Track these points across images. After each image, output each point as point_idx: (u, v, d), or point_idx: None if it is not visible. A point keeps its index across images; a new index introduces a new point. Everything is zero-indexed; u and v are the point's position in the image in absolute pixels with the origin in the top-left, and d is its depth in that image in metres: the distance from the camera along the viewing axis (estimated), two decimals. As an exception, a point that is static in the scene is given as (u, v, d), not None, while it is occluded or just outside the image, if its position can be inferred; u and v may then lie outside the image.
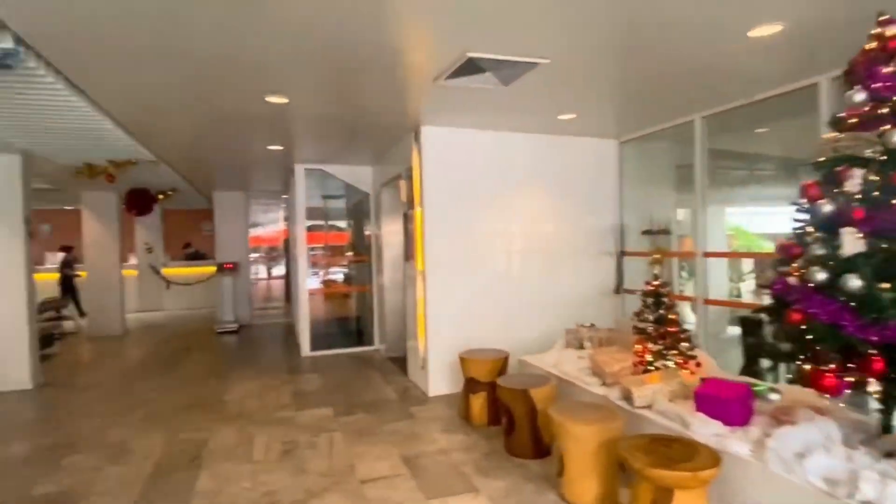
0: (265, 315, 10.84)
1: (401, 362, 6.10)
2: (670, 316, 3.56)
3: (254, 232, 11.48)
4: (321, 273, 8.46)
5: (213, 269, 12.64)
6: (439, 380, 4.90)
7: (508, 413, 3.52)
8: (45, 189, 10.65)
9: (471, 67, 3.20)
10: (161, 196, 8.44)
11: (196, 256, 13.60)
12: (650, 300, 3.62)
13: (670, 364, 3.51)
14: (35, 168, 6.33)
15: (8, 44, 2.59)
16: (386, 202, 6.64)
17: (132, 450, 3.75)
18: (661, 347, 3.55)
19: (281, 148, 5.80)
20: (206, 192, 9.75)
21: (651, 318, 3.58)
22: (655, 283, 3.61)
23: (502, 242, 5.25)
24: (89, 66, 3.13)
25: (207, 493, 3.08)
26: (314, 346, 6.90)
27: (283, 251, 13.17)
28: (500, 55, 3.08)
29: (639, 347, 3.61)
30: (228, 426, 4.20)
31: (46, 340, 7.29)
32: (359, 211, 7.79)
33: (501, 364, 4.14)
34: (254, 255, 11.70)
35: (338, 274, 8.96)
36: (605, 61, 3.35)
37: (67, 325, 9.36)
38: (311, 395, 5.05)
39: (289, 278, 11.48)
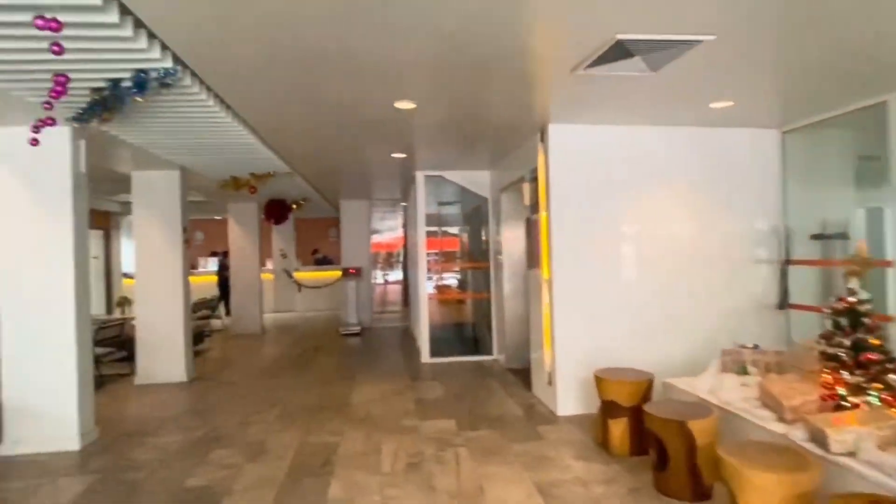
0: (383, 318, 11.16)
1: (522, 375, 5.80)
2: (873, 341, 2.86)
3: (374, 239, 11.89)
4: (435, 279, 8.48)
5: (339, 273, 13.44)
6: (568, 398, 4.52)
7: (659, 445, 3.07)
8: (198, 201, 12.05)
9: (618, 52, 2.84)
10: (294, 206, 9.05)
11: (324, 262, 14.50)
12: (844, 320, 2.94)
13: (873, 401, 2.82)
14: (189, 182, 7.07)
15: (168, 63, 2.76)
16: (506, 207, 6.40)
17: (269, 449, 3.89)
18: (859, 379, 2.86)
19: (404, 155, 5.83)
20: (334, 201, 10.29)
21: (846, 342, 2.91)
22: (852, 299, 2.93)
23: (638, 248, 4.74)
24: (235, 83, 3.29)
25: (339, 502, 3.05)
26: (433, 353, 6.86)
27: (398, 257, 13.57)
28: (657, 35, 2.68)
29: (828, 378, 2.96)
30: (356, 431, 4.22)
31: (198, 337, 8.10)
32: (475, 217, 7.65)
33: (646, 387, 3.67)
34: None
35: (451, 280, 8.92)
36: (782, 33, 2.79)
37: (215, 323, 10.41)
38: (434, 404, 4.94)
39: (406, 283, 11.73)
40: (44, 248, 4.05)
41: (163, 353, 6.11)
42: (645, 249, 4.74)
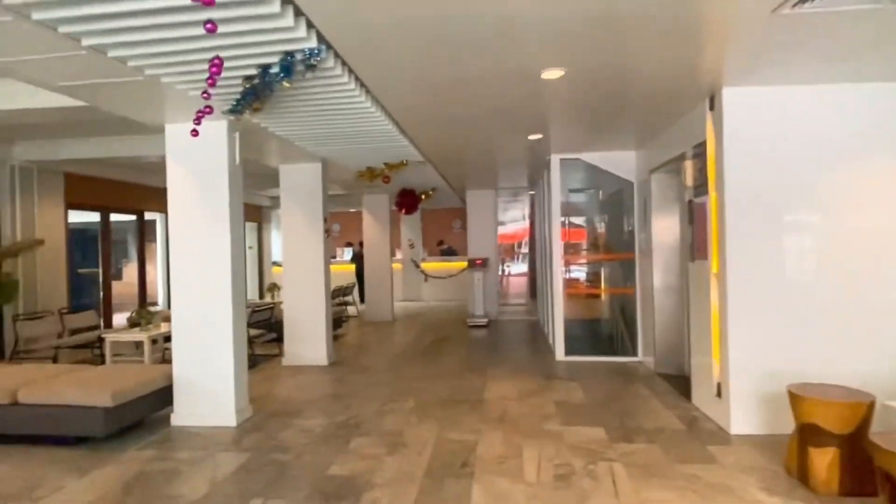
0: (508, 311, 10.84)
1: (677, 382, 5.10)
2: None
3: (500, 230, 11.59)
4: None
5: (463, 264, 13.44)
6: (745, 414, 3.79)
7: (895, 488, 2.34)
8: (336, 194, 12.76)
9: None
10: (423, 196, 9.08)
11: (448, 252, 14.61)
12: None
13: None
14: (328, 175, 7.35)
15: (313, 43, 2.68)
16: (656, 190, 5.67)
17: (406, 442, 3.78)
18: None
19: (540, 136, 5.41)
20: (460, 191, 10.19)
21: None
22: None
23: (836, 238, 3.80)
24: (376, 61, 3.15)
25: (482, 512, 2.79)
26: (568, 350, 6.37)
27: (521, 249, 13.15)
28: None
29: None
30: (494, 431, 3.95)
31: (336, 323, 8.49)
32: (614, 203, 6.95)
33: (864, 411, 2.88)
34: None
35: (580, 273, 8.28)
36: None
37: (350, 310, 10.92)
38: (577, 408, 4.50)
39: (533, 275, 11.29)
40: (206, 237, 4.34)
41: (306, 338, 6.43)
42: (846, 239, 3.79)
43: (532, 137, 5.42)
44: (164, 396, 4.30)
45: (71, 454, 3.69)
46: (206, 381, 4.29)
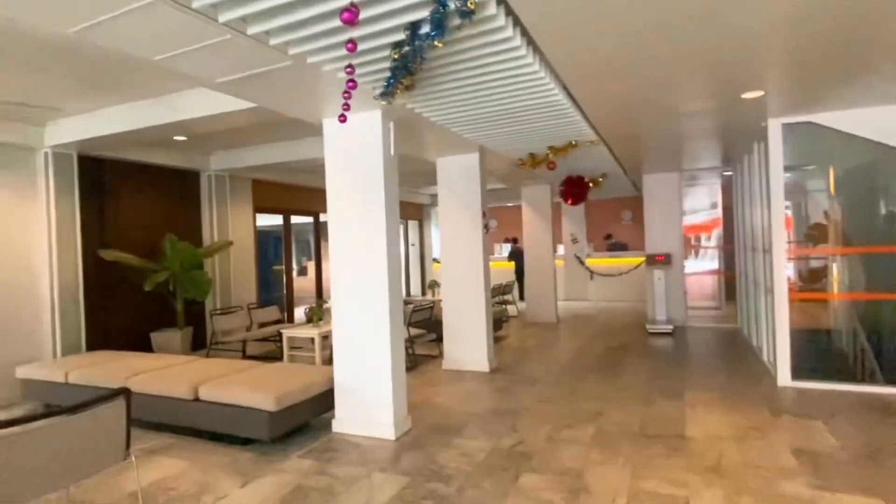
0: (697, 316, 9.18)
1: None
2: None
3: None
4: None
5: (635, 260, 11.96)
6: None
7: None
8: (493, 189, 12.30)
9: None
10: (592, 183, 8.05)
11: (617, 247, 13.19)
12: None
13: None
14: (486, 166, 6.82)
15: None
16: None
17: (590, 489, 3.00)
18: None
19: (760, 94, 4.11)
20: (635, 176, 8.89)
21: None
22: None
23: None
24: (558, 24, 2.42)
25: None
26: (796, 373, 4.89)
27: (709, 242, 11.15)
28: None
29: None
30: (710, 487, 2.95)
31: (497, 324, 7.96)
32: (859, 179, 5.17)
33: None
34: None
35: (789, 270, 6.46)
36: None
37: (510, 309, 10.34)
38: (829, 461, 3.23)
39: (729, 274, 9.43)
40: (362, 233, 4.07)
41: (467, 340, 5.99)
42: None
43: (748, 96, 4.14)
44: (326, 400, 4.14)
45: (240, 456, 3.67)
46: (366, 388, 4.03)
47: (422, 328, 6.69)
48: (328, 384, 4.15)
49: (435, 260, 14.14)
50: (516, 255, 11.68)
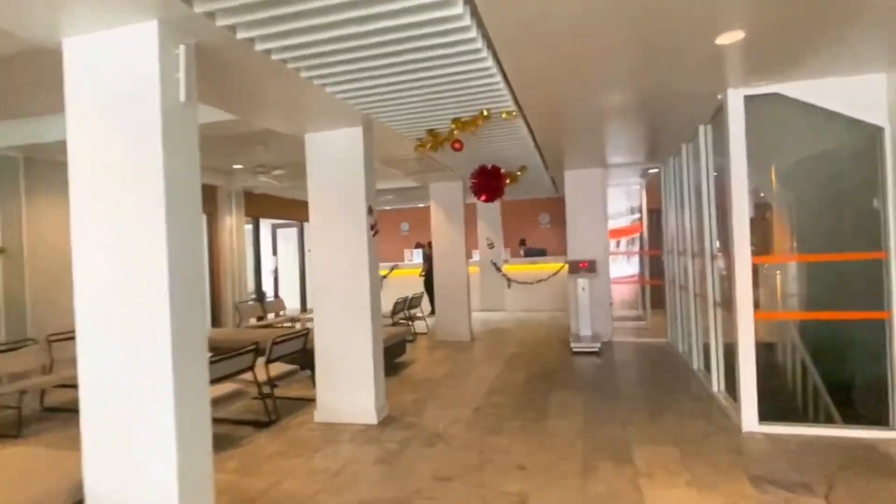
0: (622, 329, 8.27)
1: None
2: None
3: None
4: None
5: (555, 266, 11.01)
6: None
7: None
8: (405, 188, 10.85)
9: None
10: (509, 179, 6.81)
11: (534, 253, 12.22)
12: None
13: None
14: (381, 155, 5.36)
15: None
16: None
17: None
18: None
19: (739, 37, 2.95)
20: (556, 172, 7.80)
21: None
22: None
23: None
24: None
25: None
26: (764, 415, 3.84)
27: (632, 246, 10.48)
28: None
29: None
30: None
31: (399, 348, 6.47)
32: (827, 168, 4.29)
33: None
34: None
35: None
36: None
37: (419, 325, 8.90)
38: None
39: (655, 282, 8.65)
40: (129, 226, 2.39)
41: (347, 381, 4.42)
42: None
43: (723, 41, 2.97)
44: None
45: None
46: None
47: (293, 362, 5.03)
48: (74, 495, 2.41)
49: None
50: (427, 262, 10.28)
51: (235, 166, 8.11)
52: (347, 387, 4.42)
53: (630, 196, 10.55)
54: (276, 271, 12.12)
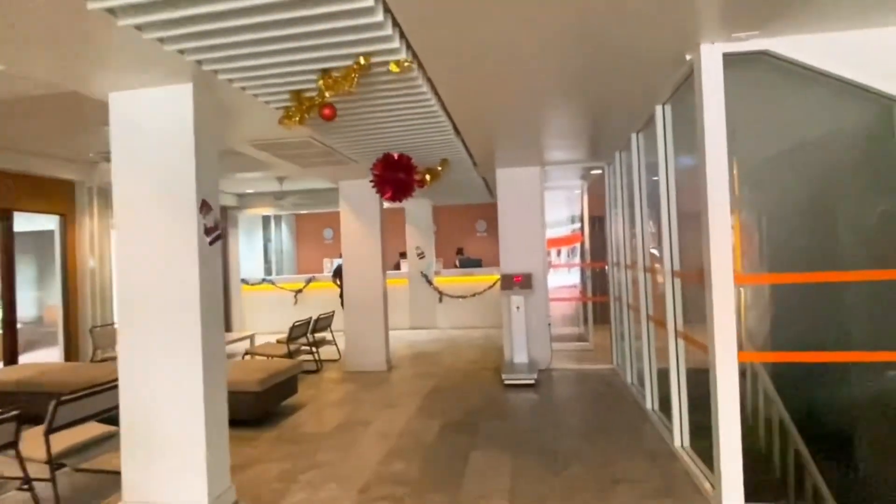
0: (563, 352, 7.23)
1: None
2: None
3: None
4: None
5: (490, 278, 9.91)
6: None
7: None
8: (324, 189, 9.42)
9: None
10: (429, 175, 5.59)
11: (469, 263, 11.09)
12: None
13: None
14: (250, 132, 4.03)
15: None
16: None
17: None
18: None
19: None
20: (487, 170, 6.68)
21: None
22: None
23: None
24: None
25: None
26: (749, 492, 2.76)
27: (572, 257, 9.56)
28: None
29: None
30: None
31: (285, 388, 5.06)
32: (822, 153, 3.34)
33: None
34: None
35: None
36: None
37: (329, 351, 7.48)
38: None
39: (597, 296, 7.69)
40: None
41: (166, 453, 3.00)
42: None
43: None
44: None
45: None
46: None
47: (111, 421, 3.53)
48: None
49: (244, 281, 10.74)
50: (339, 275, 8.87)
51: (92, 154, 6.45)
52: (168, 461, 2.99)
53: (570, 202, 9.64)
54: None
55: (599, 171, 6.71)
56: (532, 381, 5.63)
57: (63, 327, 6.96)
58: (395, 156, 4.27)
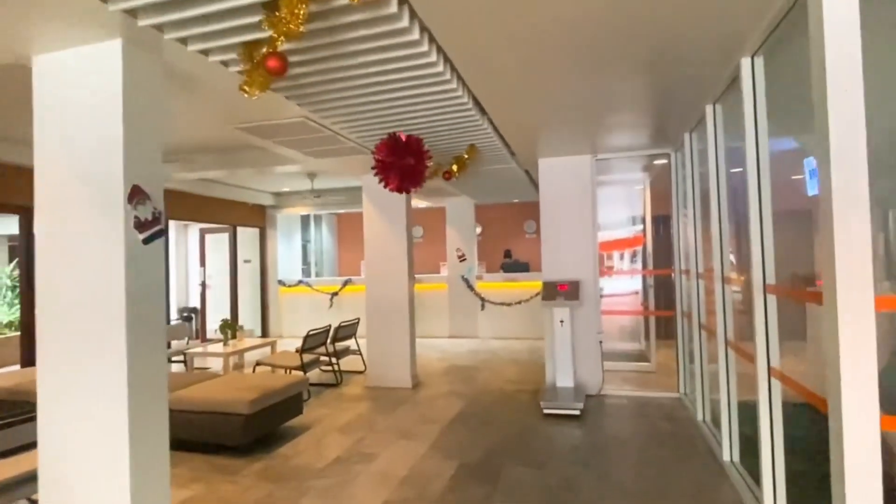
0: (617, 373, 6.19)
1: None
2: None
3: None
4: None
5: (537, 284, 8.97)
6: None
7: None
8: (356, 187, 8.84)
9: None
10: (456, 166, 4.79)
11: (515, 267, 10.15)
12: None
13: None
14: (243, 114, 3.42)
15: None
16: None
17: None
18: None
19: None
20: (527, 159, 5.78)
21: None
22: None
23: None
24: None
25: None
26: None
27: (633, 263, 8.41)
28: None
29: None
30: None
31: (286, 409, 4.41)
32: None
33: None
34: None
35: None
36: None
37: (355, 361, 6.83)
38: None
39: (659, 307, 6.58)
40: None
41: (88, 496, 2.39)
42: None
43: None
44: None
45: None
46: None
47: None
48: None
49: (281, 283, 10.39)
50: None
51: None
52: (89, 521, 2.38)
53: (630, 200, 8.51)
54: (203, 286, 10.12)
55: (665, 161, 5.64)
56: (577, 412, 4.68)
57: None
58: (403, 137, 3.50)
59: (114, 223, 2.35)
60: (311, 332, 5.72)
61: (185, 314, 10.09)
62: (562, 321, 5.24)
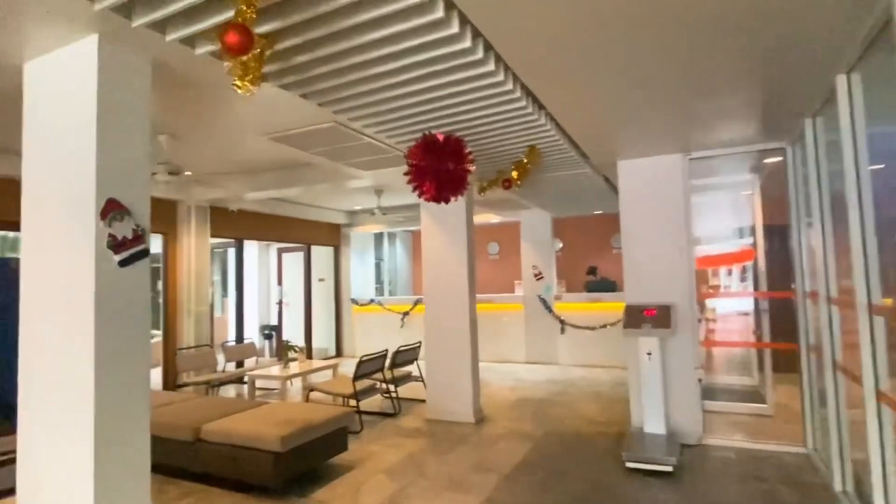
0: (722, 416, 5.12)
1: None
2: None
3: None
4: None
5: (622, 305, 7.95)
6: None
7: None
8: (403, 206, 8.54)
9: None
10: (517, 172, 4.16)
11: (599, 287, 9.17)
12: None
13: None
14: (268, 121, 3.11)
15: None
16: None
17: None
18: None
19: None
20: (603, 162, 5.01)
21: None
22: None
23: None
24: None
25: None
26: None
27: (742, 280, 7.15)
28: None
29: None
30: None
31: (328, 445, 3.99)
32: None
33: None
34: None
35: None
36: None
37: (415, 388, 6.34)
38: None
39: (776, 334, 5.41)
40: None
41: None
42: None
43: None
44: None
45: None
46: None
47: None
48: None
49: (353, 301, 10.26)
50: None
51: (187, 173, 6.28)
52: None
53: (736, 207, 7.31)
54: (280, 304, 10.25)
55: (779, 158, 4.60)
56: (669, 468, 3.78)
57: (162, 348, 6.91)
58: (440, 137, 2.97)
59: (86, 242, 2.05)
60: (365, 358, 5.32)
61: (266, 332, 10.26)
62: (649, 353, 4.37)
